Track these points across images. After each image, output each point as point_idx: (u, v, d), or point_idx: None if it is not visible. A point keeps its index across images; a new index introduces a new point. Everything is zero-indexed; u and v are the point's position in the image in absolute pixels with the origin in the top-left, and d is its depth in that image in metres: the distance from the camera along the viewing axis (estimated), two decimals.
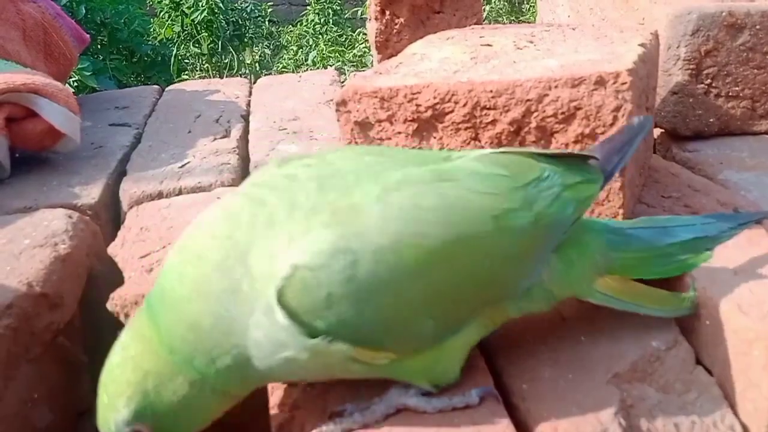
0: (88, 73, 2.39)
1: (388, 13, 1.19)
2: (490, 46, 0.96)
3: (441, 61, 0.91)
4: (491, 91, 0.81)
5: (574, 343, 0.71)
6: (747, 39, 1.08)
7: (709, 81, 1.10)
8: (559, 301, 0.68)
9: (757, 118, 1.12)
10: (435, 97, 0.82)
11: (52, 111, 1.13)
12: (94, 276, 0.97)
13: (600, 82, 0.78)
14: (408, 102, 0.83)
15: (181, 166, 1.16)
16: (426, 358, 0.60)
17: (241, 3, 3.59)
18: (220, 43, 3.29)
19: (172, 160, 1.19)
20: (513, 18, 3.70)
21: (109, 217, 1.10)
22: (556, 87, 0.79)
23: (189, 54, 3.37)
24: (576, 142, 0.81)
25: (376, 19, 1.20)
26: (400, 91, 0.82)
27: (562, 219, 0.64)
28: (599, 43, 0.92)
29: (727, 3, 1.10)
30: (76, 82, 2.46)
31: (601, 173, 0.68)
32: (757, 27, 1.08)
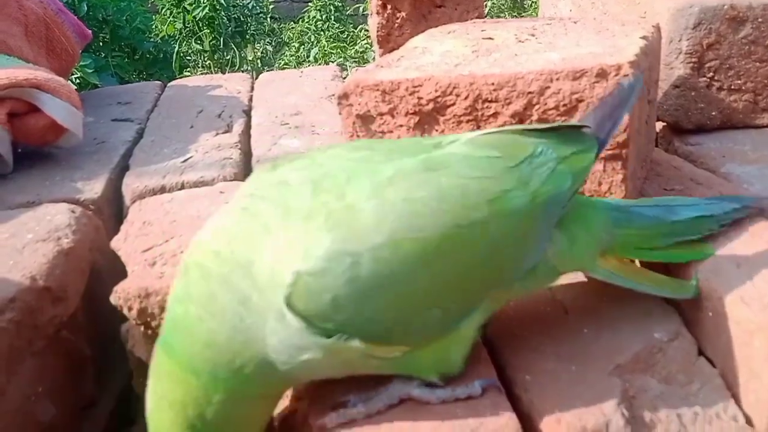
0: (90, 71, 2.39)
1: (389, 7, 1.19)
2: (492, 39, 0.96)
3: (442, 54, 0.91)
4: (493, 83, 0.81)
5: (576, 336, 0.71)
6: (749, 32, 1.08)
7: (711, 74, 1.10)
8: (561, 274, 0.68)
9: (759, 112, 1.12)
10: (436, 90, 0.82)
11: (54, 106, 1.13)
12: (97, 270, 0.97)
13: (601, 74, 0.78)
14: (409, 95, 0.83)
15: (184, 161, 1.16)
16: (437, 347, 0.60)
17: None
18: (222, 39, 3.28)
19: (175, 155, 1.19)
20: (515, 14, 3.69)
21: (111, 211, 1.10)
22: (557, 79, 0.79)
23: (191, 51, 3.37)
24: None
25: (377, 13, 1.20)
26: (402, 84, 0.82)
27: (560, 194, 0.63)
28: (601, 36, 0.92)
29: None
30: (78, 79, 2.46)
31: (595, 141, 0.67)
32: (759, 20, 1.07)
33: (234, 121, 1.34)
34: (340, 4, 3.91)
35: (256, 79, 1.67)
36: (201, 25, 3.27)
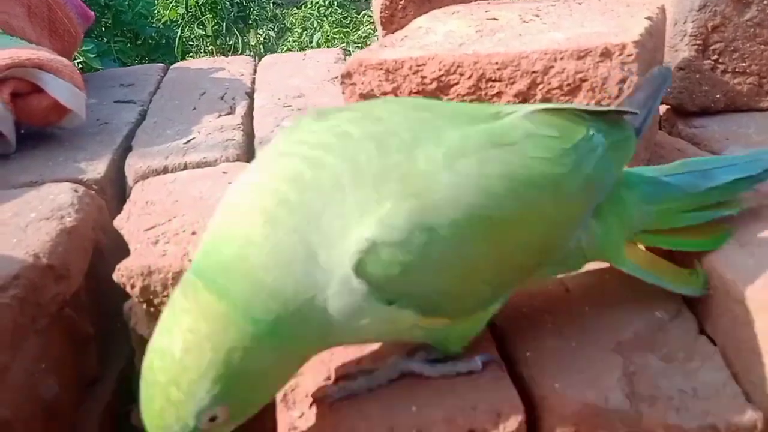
0: (92, 56, 2.38)
1: None
2: (496, 20, 0.96)
3: (446, 34, 0.91)
4: (497, 63, 0.80)
5: (578, 314, 0.71)
6: (754, 14, 1.07)
7: (715, 57, 1.09)
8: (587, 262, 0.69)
9: (763, 95, 1.11)
10: (440, 69, 0.82)
11: (57, 86, 1.13)
12: (99, 250, 0.98)
13: (606, 53, 0.78)
14: (413, 74, 0.83)
15: (186, 142, 1.16)
16: (471, 321, 0.61)
17: None
18: (225, 25, 3.28)
19: (177, 136, 1.19)
20: None
21: (114, 192, 1.10)
22: (561, 59, 0.79)
23: (193, 36, 3.36)
24: None
25: None
26: (405, 63, 0.82)
27: (607, 180, 0.64)
28: (606, 17, 0.92)
29: None
30: (80, 64, 2.45)
31: (633, 130, 0.68)
32: (765, 2, 1.07)
33: (237, 103, 1.34)
34: None
35: (259, 62, 1.67)
36: (203, 10, 3.26)
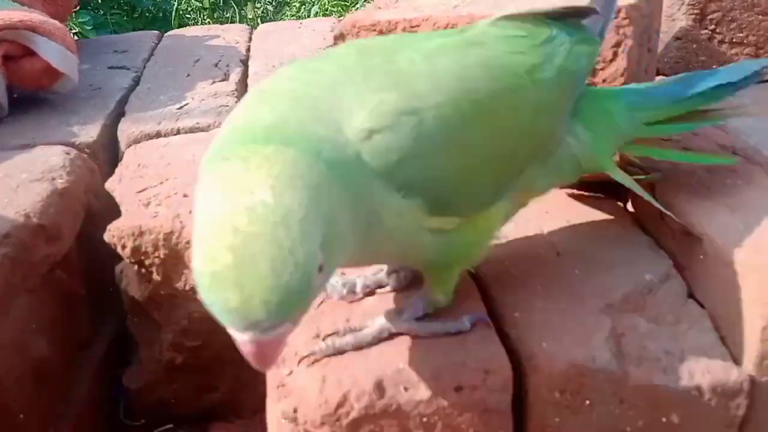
0: (89, 27, 2.36)
1: None
2: None
3: None
4: None
5: (567, 276, 0.71)
6: None
7: (713, 26, 1.09)
8: (585, 173, 0.71)
9: None
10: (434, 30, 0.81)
11: (49, 49, 1.12)
12: (91, 213, 0.97)
13: None
14: None
15: (179, 108, 1.16)
16: (476, 226, 0.62)
17: None
18: None
19: (171, 102, 1.18)
20: None
21: (106, 156, 1.10)
22: None
23: (190, 9, 3.32)
24: None
25: None
26: (399, 24, 0.82)
27: (579, 71, 0.67)
28: None
29: None
30: (76, 36, 2.43)
31: (593, 32, 0.70)
32: None
33: (231, 70, 1.33)
34: None
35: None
36: None
